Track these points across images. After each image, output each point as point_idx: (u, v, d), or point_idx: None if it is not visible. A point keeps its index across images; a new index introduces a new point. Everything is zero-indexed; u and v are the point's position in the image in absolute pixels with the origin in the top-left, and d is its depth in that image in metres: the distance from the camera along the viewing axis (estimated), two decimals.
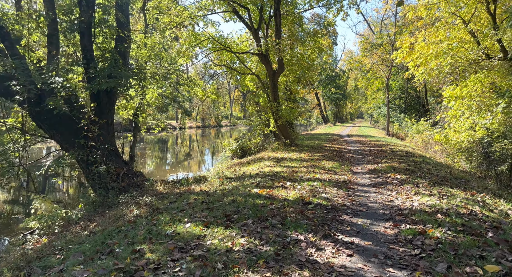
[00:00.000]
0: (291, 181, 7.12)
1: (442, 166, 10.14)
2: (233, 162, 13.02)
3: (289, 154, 12.99)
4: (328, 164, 10.02)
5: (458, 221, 4.25)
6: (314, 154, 12.88)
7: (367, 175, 8.38)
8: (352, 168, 9.62)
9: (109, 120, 7.58)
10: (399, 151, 14.00)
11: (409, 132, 29.01)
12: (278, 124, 15.83)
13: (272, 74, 15.45)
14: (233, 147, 16.13)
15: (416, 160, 10.86)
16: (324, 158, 11.52)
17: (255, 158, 12.69)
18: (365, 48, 33.40)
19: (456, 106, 15.80)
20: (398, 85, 36.94)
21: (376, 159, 11.33)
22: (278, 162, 10.67)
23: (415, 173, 8.04)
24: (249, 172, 8.54)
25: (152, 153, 22.49)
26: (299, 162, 10.58)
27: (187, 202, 5.34)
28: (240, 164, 11.58)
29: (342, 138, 23.67)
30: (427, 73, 16.52)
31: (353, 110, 76.00)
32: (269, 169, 8.93)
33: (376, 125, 49.86)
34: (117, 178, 6.99)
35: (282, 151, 14.04)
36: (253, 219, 4.32)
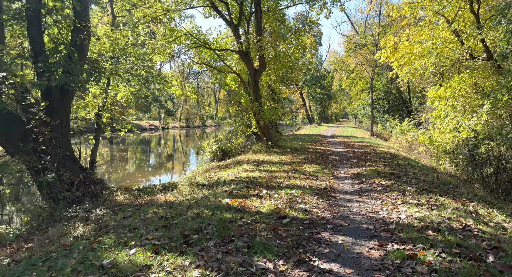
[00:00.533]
0: (268, 189, 6.47)
1: (428, 170, 9.71)
2: (211, 165, 12.29)
3: (270, 156, 12.36)
4: (309, 168, 9.44)
5: (453, 240, 3.68)
6: (296, 156, 12.30)
7: (350, 180, 7.83)
8: (335, 172, 9.06)
9: (64, 121, 6.75)
10: (384, 153, 13.58)
11: (393, 133, 28.93)
12: (260, 125, 15.19)
13: (253, 72, 14.79)
14: (213, 149, 15.39)
15: (401, 163, 10.41)
16: (306, 161, 10.94)
17: (235, 161, 12.00)
18: (349, 48, 33.20)
19: (440, 107, 15.55)
20: (382, 86, 36.98)
21: (360, 162, 10.83)
22: (257, 166, 10.02)
23: (401, 178, 7.52)
24: (224, 178, 7.85)
25: (130, 155, 21.47)
26: (279, 165, 9.96)
27: (144, 217, 4.61)
28: (218, 168, 10.87)
29: (326, 139, 23.26)
30: (412, 73, 16.23)
31: (338, 110, 76.31)
32: (246, 174, 8.26)
33: (361, 126, 49.98)
34: (71, 187, 6.18)
35: (264, 154, 13.40)
36: (216, 240, 3.63)
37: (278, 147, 15.86)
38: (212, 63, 16.49)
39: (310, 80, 51.05)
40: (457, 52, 14.48)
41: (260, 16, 13.81)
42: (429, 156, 17.61)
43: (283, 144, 17.19)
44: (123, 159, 19.26)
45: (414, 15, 16.39)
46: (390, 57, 17.32)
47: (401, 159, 11.81)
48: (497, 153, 10.36)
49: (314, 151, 14.55)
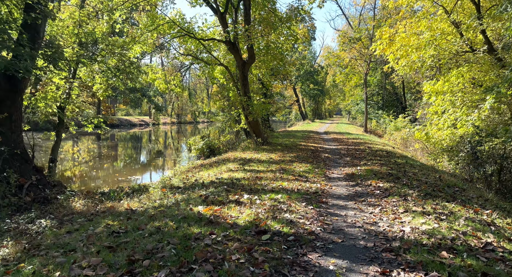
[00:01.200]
0: (250, 193, 5.63)
1: (428, 169, 8.96)
2: (195, 163, 11.41)
3: (259, 154, 11.52)
4: (300, 167, 8.62)
5: (475, 265, 2.88)
6: (286, 154, 11.48)
7: (344, 182, 7.02)
8: (327, 172, 8.25)
9: (14, 115, 5.81)
10: (379, 151, 12.84)
11: (387, 129, 28.32)
12: (249, 120, 14.32)
13: (242, 64, 13.89)
14: (199, 146, 14.49)
15: (399, 161, 9.65)
16: (296, 160, 10.12)
17: (220, 159, 11.14)
18: (343, 42, 32.39)
19: (438, 102, 14.84)
20: (376, 81, 36.31)
21: (355, 161, 10.05)
22: (243, 165, 9.17)
23: (400, 180, 6.74)
24: (204, 179, 6.99)
25: (113, 152, 20.44)
26: (267, 164, 9.12)
27: (90, 233, 3.73)
28: (200, 167, 9.99)
29: (319, 135, 22.50)
30: (409, 66, 15.49)
31: (332, 106, 75.73)
32: (229, 175, 7.40)
33: (354, 122, 49.40)
34: (19, 191, 5.28)
35: (252, 151, 12.55)
36: (170, 269, 2.77)
37: (268, 144, 15.02)
38: (198, 54, 15.54)
39: (304, 76, 50.21)
40: (457, 44, 13.75)
41: (248, 3, 12.88)
42: (425, 153, 16.95)
43: (274, 141, 16.35)
44: (106, 156, 18.25)
45: (411, 5, 15.58)
46: (385, 50, 16.55)
47: (398, 157, 11.06)
48: (501, 151, 9.66)
49: (306, 148, 13.75)
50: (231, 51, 13.67)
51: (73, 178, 10.91)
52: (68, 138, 31.05)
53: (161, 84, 16.36)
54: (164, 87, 16.39)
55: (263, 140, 14.83)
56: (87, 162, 15.17)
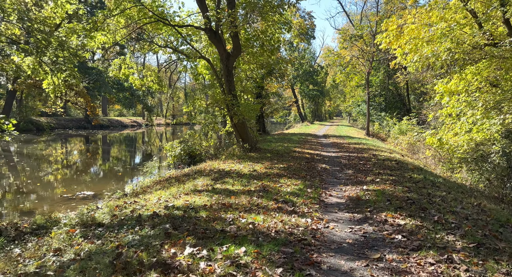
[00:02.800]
0: (199, 241, 3.56)
1: (456, 190, 6.85)
2: (163, 176, 9.31)
3: (242, 164, 9.45)
4: (287, 186, 6.55)
5: None
6: (275, 165, 9.41)
7: (347, 213, 4.94)
8: (324, 193, 6.17)
9: None
10: (387, 160, 10.76)
11: (391, 133, 26.28)
12: (234, 122, 12.26)
13: (226, 57, 11.83)
14: (176, 152, 12.41)
15: (415, 177, 7.57)
16: (286, 173, 8.05)
17: (193, 171, 9.06)
18: (344, 40, 30.33)
19: (452, 103, 12.79)
20: (379, 81, 34.26)
21: (359, 175, 7.97)
22: (216, 181, 7.10)
23: (428, 212, 4.66)
24: (146, 208, 4.91)
25: (89, 156, 18.34)
26: (247, 181, 7.05)
27: None
28: (164, 182, 7.90)
29: (317, 139, 20.42)
30: (421, 62, 13.42)
31: (332, 108, 73.71)
32: (186, 201, 5.32)
33: (355, 124, 47.33)
34: None
35: (236, 160, 10.48)
36: None
37: (257, 150, 12.95)
38: (179, 46, 13.49)
39: (303, 76, 48.20)
40: (477, 36, 11.69)
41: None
42: (438, 161, 14.88)
43: (265, 146, 14.28)
44: (70, 162, 16.16)
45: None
46: (392, 43, 14.47)
47: (412, 169, 8.97)
48: None
49: (300, 156, 11.67)
50: (212, 41, 11.61)
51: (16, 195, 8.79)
52: (55, 139, 29.00)
53: (136, 80, 14.33)
54: (139, 83, 14.35)
55: (251, 145, 12.76)
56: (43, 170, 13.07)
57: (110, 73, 13.68)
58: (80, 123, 41.00)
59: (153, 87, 14.45)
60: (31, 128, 32.84)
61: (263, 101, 26.76)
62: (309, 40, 47.15)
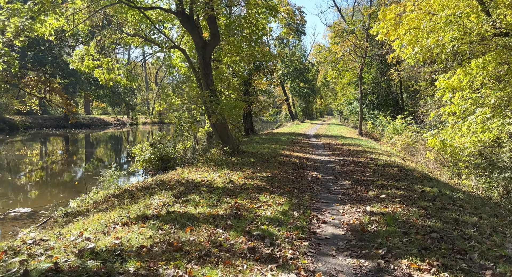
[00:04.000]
0: None
1: (493, 215, 5.35)
2: (117, 189, 7.61)
3: (217, 173, 7.86)
4: (268, 207, 5.00)
5: None
6: (257, 173, 7.84)
7: (349, 259, 3.36)
8: (315, 220, 4.62)
9: None
10: (388, 166, 9.30)
11: (385, 132, 24.99)
12: (212, 122, 10.65)
13: (202, 46, 10.20)
14: (146, 156, 10.73)
15: (429, 191, 6.08)
16: (269, 186, 6.49)
17: (158, 181, 7.41)
18: (336, 35, 28.86)
19: (456, 100, 11.45)
20: (371, 78, 32.96)
21: (358, 188, 6.45)
22: (178, 198, 5.51)
23: (470, 261, 3.15)
24: (53, 252, 3.29)
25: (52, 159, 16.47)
26: (218, 198, 5.47)
27: None
28: (113, 200, 6.25)
29: (308, 139, 18.93)
30: (422, 53, 12.02)
31: (323, 106, 72.55)
32: (114, 241, 3.69)
33: (346, 123, 46.13)
34: None
35: (212, 166, 8.88)
36: None
37: (240, 153, 11.37)
38: (150, 35, 11.80)
39: (293, 73, 46.67)
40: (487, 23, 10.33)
41: None
42: (439, 164, 13.52)
43: (249, 149, 12.71)
44: (38, 167, 14.33)
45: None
46: (390, 34, 13.06)
47: (420, 179, 7.50)
48: None
49: (288, 161, 10.12)
50: (185, 27, 9.96)
51: None
52: (27, 139, 26.89)
53: (102, 75, 12.59)
54: (107, 78, 12.61)
55: (232, 148, 11.17)
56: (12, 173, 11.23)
57: (71, 65, 11.90)
58: (59, 122, 38.68)
59: (121, 82, 12.72)
60: (3, 127, 30.56)
61: (251, 99, 25.17)
62: (299, 36, 45.68)
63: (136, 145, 11.29)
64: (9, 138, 25.54)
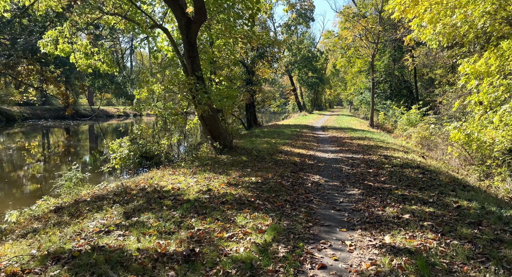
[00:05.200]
0: None
1: None
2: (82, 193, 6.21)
3: (196, 177, 6.39)
4: (244, 236, 3.51)
5: None
6: (246, 177, 6.35)
7: None
8: (308, 260, 3.10)
9: None
10: (406, 166, 7.68)
11: (398, 124, 23.14)
12: (198, 114, 9.15)
13: (186, 24, 8.63)
14: (123, 153, 9.32)
15: (468, 208, 4.50)
16: (255, 197, 5.00)
17: (120, 188, 5.97)
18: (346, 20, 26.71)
19: (485, 88, 9.69)
20: (384, 66, 30.81)
21: (371, 201, 4.90)
22: (128, 218, 4.07)
23: None
24: None
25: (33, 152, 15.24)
26: (179, 218, 4.01)
27: None
28: (52, 217, 4.85)
29: (313, 132, 17.30)
30: (446, 34, 10.27)
31: (332, 97, 70.15)
32: None
33: (356, 114, 44.10)
34: None
35: (193, 168, 7.41)
36: None
37: (233, 150, 9.87)
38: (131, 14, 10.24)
39: (301, 62, 44.56)
40: None
41: None
42: (462, 161, 11.78)
43: (246, 145, 11.19)
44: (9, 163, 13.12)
45: None
46: (407, 11, 11.19)
47: (450, 185, 5.88)
48: None
49: (287, 160, 8.57)
50: (166, 1, 8.38)
51: None
52: (27, 130, 25.89)
53: (80, 59, 11.16)
54: (85, 63, 11.19)
55: (224, 144, 9.67)
56: None
57: (42, 49, 10.47)
58: (59, 113, 37.63)
59: (101, 68, 11.28)
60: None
61: (254, 88, 23.53)
62: (307, 22, 43.50)
63: (114, 140, 9.87)
64: (3, 130, 24.56)
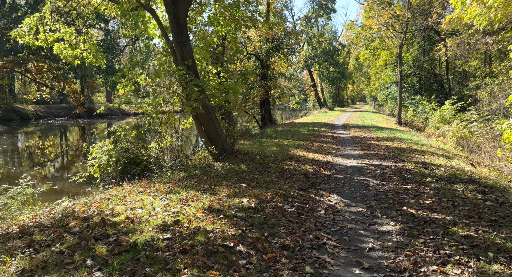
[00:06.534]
0: None
1: None
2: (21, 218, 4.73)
3: (173, 195, 4.77)
4: None
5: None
6: (235, 198, 4.65)
7: None
8: None
9: None
10: (455, 179, 5.71)
11: (430, 121, 20.67)
12: (187, 111, 7.53)
13: (172, 1, 6.99)
14: (102, 159, 7.84)
15: None
16: (238, 237, 3.29)
17: (59, 214, 4.44)
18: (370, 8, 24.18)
19: None
20: (412, 58, 28.09)
21: (419, 248, 3.07)
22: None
23: None
24: None
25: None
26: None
27: None
28: None
29: (333, 131, 15.34)
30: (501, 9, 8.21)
31: (355, 93, 66.96)
32: None
33: (381, 110, 41.30)
34: None
35: (175, 182, 5.80)
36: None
37: (234, 155, 8.18)
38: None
39: (321, 56, 42.15)
40: None
41: None
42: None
43: (250, 148, 9.48)
44: None
45: None
46: None
47: None
48: None
49: (297, 169, 6.79)
50: None
51: None
52: (53, 128, 25.41)
53: (65, 50, 9.81)
54: (71, 55, 9.83)
55: (223, 148, 8.00)
56: None
57: (18, 39, 9.18)
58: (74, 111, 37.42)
59: (87, 60, 9.88)
60: (12, 117, 29.42)
61: (269, 84, 21.73)
62: (328, 14, 41.07)
63: (96, 143, 8.42)
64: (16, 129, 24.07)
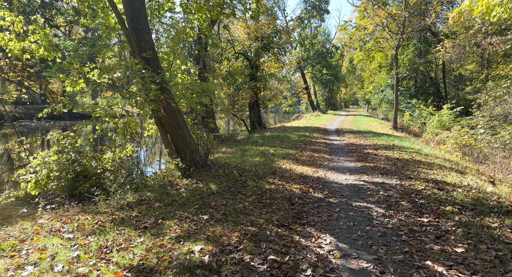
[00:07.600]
0: None
1: None
2: None
3: (96, 237, 3.34)
4: None
5: None
6: (185, 241, 3.23)
7: None
8: None
9: None
10: (482, 207, 4.37)
11: (428, 126, 19.48)
12: (143, 116, 6.09)
13: None
14: (41, 174, 6.33)
15: None
16: None
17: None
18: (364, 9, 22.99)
19: None
20: (407, 61, 27.01)
21: None
22: None
23: None
24: None
25: None
26: None
27: None
28: None
29: (326, 137, 13.98)
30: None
31: (348, 96, 66.15)
32: None
33: (374, 114, 40.26)
34: None
35: (101, 217, 4.36)
36: None
37: (206, 169, 6.76)
38: None
39: (314, 58, 41.02)
40: None
41: None
42: None
43: (228, 159, 8.06)
44: None
45: None
46: None
47: None
48: None
49: (280, 190, 5.38)
50: None
51: None
52: (26, 131, 23.63)
53: (11, 42, 8.30)
54: (17, 48, 8.33)
55: (193, 161, 6.56)
56: None
57: None
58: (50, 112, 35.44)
59: (36, 54, 8.37)
60: None
61: (258, 85, 20.36)
62: (321, 15, 40.04)
63: (38, 154, 6.91)
64: None
